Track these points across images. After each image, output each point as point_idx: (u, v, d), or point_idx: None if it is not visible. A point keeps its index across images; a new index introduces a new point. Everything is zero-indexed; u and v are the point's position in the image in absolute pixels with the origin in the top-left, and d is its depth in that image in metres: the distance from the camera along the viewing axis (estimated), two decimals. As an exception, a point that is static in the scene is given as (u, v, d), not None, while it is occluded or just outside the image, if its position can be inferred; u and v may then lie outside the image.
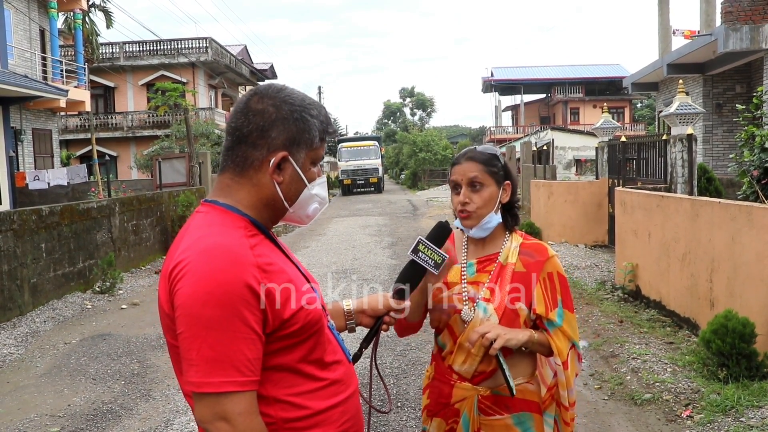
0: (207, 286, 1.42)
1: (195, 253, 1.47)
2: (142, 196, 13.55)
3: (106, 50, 31.38)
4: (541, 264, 2.17)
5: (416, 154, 46.33)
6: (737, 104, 9.89)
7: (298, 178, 1.63)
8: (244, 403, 1.43)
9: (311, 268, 11.56)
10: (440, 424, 2.22)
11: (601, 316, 7.43)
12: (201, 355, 1.42)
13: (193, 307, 1.42)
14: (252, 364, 1.45)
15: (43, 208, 9.42)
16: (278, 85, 1.65)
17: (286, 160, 1.60)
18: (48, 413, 5.29)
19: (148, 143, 29.67)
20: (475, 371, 2.15)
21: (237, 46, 41.22)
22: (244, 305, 1.43)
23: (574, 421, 2.23)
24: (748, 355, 4.87)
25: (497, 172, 2.19)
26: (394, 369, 5.94)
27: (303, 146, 1.61)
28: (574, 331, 2.16)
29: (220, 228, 1.52)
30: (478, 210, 2.16)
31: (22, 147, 18.76)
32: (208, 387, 1.41)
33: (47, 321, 8.32)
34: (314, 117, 1.62)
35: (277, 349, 1.53)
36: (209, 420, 1.43)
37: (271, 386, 1.53)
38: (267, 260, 1.52)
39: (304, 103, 1.63)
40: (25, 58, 19.24)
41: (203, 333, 1.42)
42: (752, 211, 5.36)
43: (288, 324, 1.51)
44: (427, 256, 1.95)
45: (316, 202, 1.69)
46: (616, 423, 4.68)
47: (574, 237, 12.84)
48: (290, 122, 1.59)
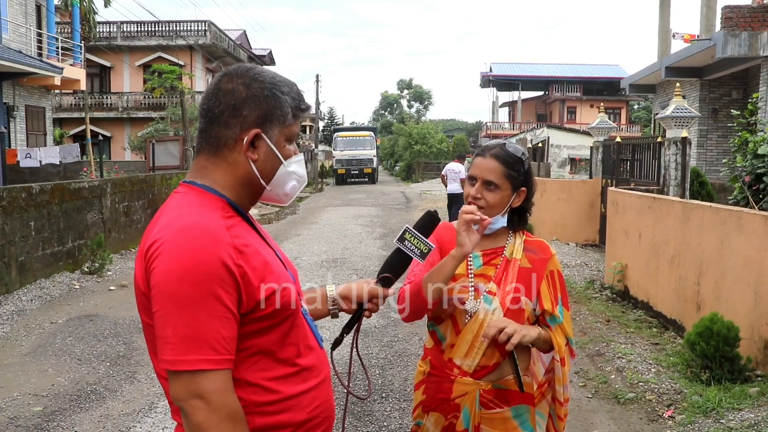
0: (183, 265, 1.42)
1: (172, 232, 1.47)
2: (135, 178, 13.49)
3: (104, 29, 31.12)
4: (545, 261, 2.22)
5: (411, 147, 46.31)
6: (733, 110, 9.92)
7: (273, 155, 1.62)
8: (219, 380, 1.43)
9: (302, 256, 11.56)
10: (438, 418, 2.20)
11: (589, 314, 7.46)
12: (176, 332, 1.42)
13: (169, 285, 1.42)
14: (227, 342, 1.45)
15: (33, 185, 9.36)
16: (247, 65, 1.65)
17: (260, 137, 1.60)
18: (31, 392, 5.27)
19: (142, 125, 29.52)
20: (477, 365, 2.15)
21: (236, 31, 40.96)
22: (220, 284, 1.44)
23: (567, 417, 2.27)
24: (732, 359, 4.91)
25: (517, 177, 2.18)
26: (380, 360, 5.95)
27: (276, 123, 1.62)
28: (570, 328, 2.22)
29: (197, 208, 1.53)
30: (487, 209, 2.16)
31: (15, 123, 18.61)
32: (182, 365, 1.41)
33: (34, 300, 8.29)
34: (286, 94, 1.63)
35: (251, 332, 1.53)
36: (184, 398, 1.43)
37: (244, 369, 1.53)
38: (243, 241, 1.52)
39: (275, 80, 1.63)
40: (19, 33, 19.05)
41: (178, 311, 1.42)
42: (742, 216, 5.38)
43: (261, 306, 1.52)
44: (414, 245, 1.93)
45: (293, 180, 1.68)
46: (599, 421, 4.71)
47: (566, 235, 12.87)
48: (261, 99, 1.59)
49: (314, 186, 35.72)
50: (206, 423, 1.41)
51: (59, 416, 4.79)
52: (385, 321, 6.89)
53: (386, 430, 4.49)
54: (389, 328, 6.75)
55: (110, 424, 4.65)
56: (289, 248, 12.67)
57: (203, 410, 1.41)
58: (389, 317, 6.85)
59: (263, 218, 18.81)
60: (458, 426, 2.16)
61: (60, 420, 4.72)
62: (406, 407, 4.86)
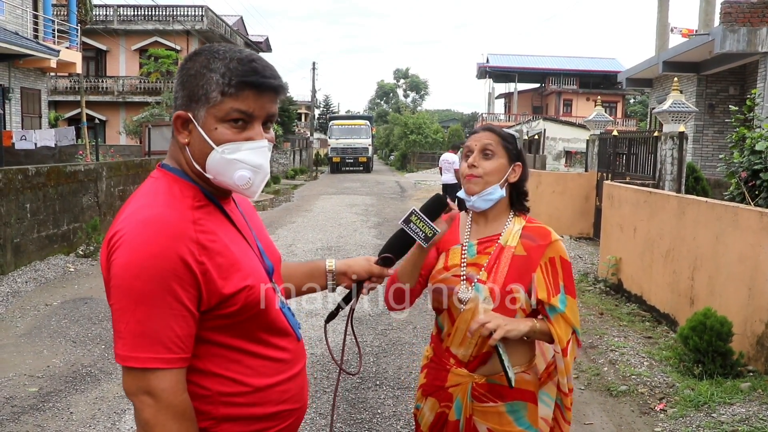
0: (140, 259, 1.39)
1: (133, 224, 1.44)
2: (130, 162, 13.45)
3: (100, 12, 30.92)
4: (542, 248, 2.13)
5: (407, 136, 46.26)
6: (730, 105, 9.94)
7: (202, 139, 1.50)
8: (170, 379, 1.42)
9: (296, 244, 11.56)
10: (434, 404, 2.21)
11: (582, 307, 7.50)
12: (129, 328, 1.40)
13: (125, 279, 1.40)
14: (181, 341, 1.43)
15: (29, 168, 9.33)
16: (209, 44, 1.56)
17: (189, 120, 1.51)
18: (26, 373, 5.28)
19: (138, 109, 29.38)
20: (471, 355, 2.14)
21: (233, 17, 40.74)
22: (177, 281, 1.41)
23: (572, 406, 2.23)
24: (724, 353, 4.95)
25: (511, 149, 2.20)
26: (374, 348, 5.98)
27: (201, 103, 1.49)
28: (575, 317, 2.13)
29: (164, 197, 1.49)
30: (485, 176, 2.15)
31: (10, 105, 18.49)
32: (134, 362, 1.40)
33: (29, 282, 8.28)
34: (213, 70, 1.48)
35: (214, 327, 1.51)
36: (134, 393, 1.43)
37: (208, 360, 1.52)
38: (209, 236, 1.47)
39: (211, 56, 1.50)
40: (16, 14, 18.90)
41: (132, 306, 1.40)
42: (738, 212, 5.41)
43: (225, 304, 1.48)
44: (419, 228, 1.92)
45: (241, 170, 1.51)
46: (591, 413, 4.74)
47: (560, 228, 12.90)
48: (187, 79, 1.51)
49: (309, 174, 35.68)
50: (153, 420, 1.41)
51: (54, 397, 4.80)
52: (380, 310, 6.90)
53: (380, 417, 4.51)
54: (383, 317, 6.77)
55: (105, 405, 4.66)
56: (283, 235, 12.67)
57: (152, 407, 1.41)
58: (384, 306, 6.86)
59: (258, 205, 18.77)
60: (450, 416, 2.16)
61: (55, 401, 4.73)
62: (399, 395, 4.89)
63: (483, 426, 2.13)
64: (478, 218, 2.24)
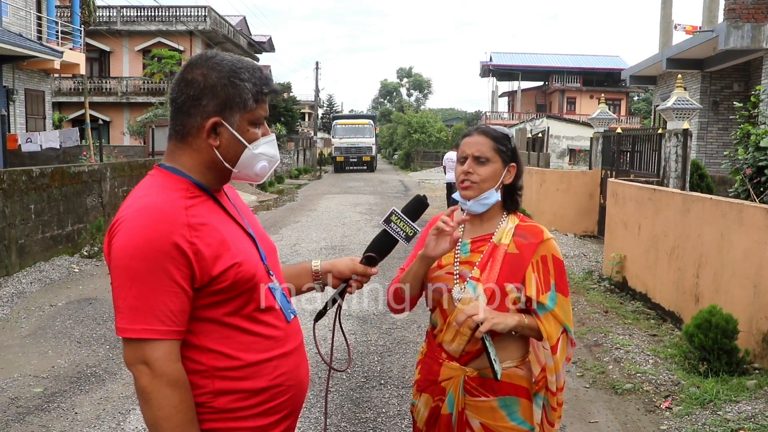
0: (136, 241, 1.55)
1: (131, 212, 1.60)
2: (134, 163, 13.47)
3: (103, 13, 30.97)
4: (534, 246, 2.15)
5: (410, 135, 46.22)
6: (735, 102, 9.91)
7: (236, 141, 1.70)
8: (164, 349, 1.56)
9: (300, 243, 11.56)
10: (428, 399, 2.23)
11: (587, 305, 7.49)
12: (126, 303, 1.56)
13: (123, 259, 1.56)
14: (175, 315, 1.58)
15: (33, 169, 9.35)
16: (209, 54, 1.72)
17: (221, 124, 1.68)
18: (31, 374, 5.29)
19: (141, 110, 29.42)
20: (462, 350, 2.15)
21: (236, 17, 40.78)
22: (170, 261, 1.56)
23: (561, 407, 2.22)
24: (729, 351, 4.93)
25: (505, 151, 2.20)
26: (378, 347, 5.98)
27: (236, 110, 1.68)
28: (566, 315, 2.13)
29: (159, 189, 1.65)
30: (480, 183, 2.17)
31: (14, 107, 18.52)
32: (130, 333, 1.56)
33: (33, 283, 8.30)
34: (245, 81, 1.68)
35: (208, 304, 1.64)
36: (132, 362, 1.57)
37: (204, 336, 1.65)
38: (200, 220, 1.62)
39: (234, 68, 1.69)
40: (19, 16, 18.94)
41: (129, 283, 1.56)
42: (743, 209, 5.39)
43: (217, 281, 1.62)
44: (399, 228, 1.97)
45: (262, 161, 1.75)
46: (596, 411, 4.73)
47: (564, 226, 12.89)
48: (219, 89, 1.67)
49: (313, 173, 35.68)
50: (149, 387, 1.55)
51: (59, 397, 4.81)
52: (384, 308, 6.89)
53: (384, 416, 4.51)
54: (388, 316, 6.77)
55: (110, 406, 4.67)
56: (288, 235, 12.68)
57: (147, 375, 1.55)
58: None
59: (262, 205, 18.80)
60: (443, 409, 2.18)
61: (60, 401, 4.74)
62: (404, 394, 4.89)
63: (476, 421, 2.14)
64: (472, 218, 2.26)
